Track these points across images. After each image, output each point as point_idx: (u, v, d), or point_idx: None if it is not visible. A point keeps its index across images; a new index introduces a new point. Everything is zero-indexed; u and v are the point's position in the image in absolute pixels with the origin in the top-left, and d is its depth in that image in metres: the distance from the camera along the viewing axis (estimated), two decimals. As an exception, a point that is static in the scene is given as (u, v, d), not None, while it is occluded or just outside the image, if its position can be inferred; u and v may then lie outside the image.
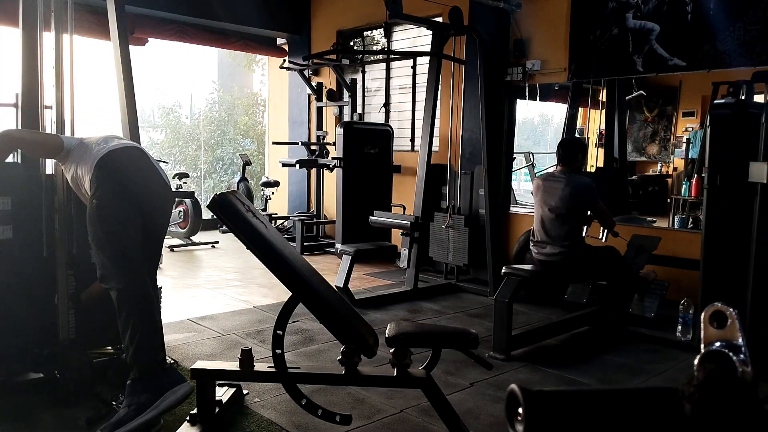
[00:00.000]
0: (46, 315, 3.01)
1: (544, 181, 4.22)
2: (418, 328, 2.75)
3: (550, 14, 5.78)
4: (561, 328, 4.25)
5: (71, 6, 3.21)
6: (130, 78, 3.44)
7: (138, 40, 7.42)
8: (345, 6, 7.91)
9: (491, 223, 5.44)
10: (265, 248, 2.44)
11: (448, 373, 3.40)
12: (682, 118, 7.61)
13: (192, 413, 2.60)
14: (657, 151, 7.93)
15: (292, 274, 2.49)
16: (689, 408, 0.58)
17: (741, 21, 4.65)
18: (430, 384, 2.45)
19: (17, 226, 2.97)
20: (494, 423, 2.84)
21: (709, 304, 0.66)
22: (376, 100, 7.91)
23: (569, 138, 5.86)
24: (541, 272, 4.19)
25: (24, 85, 3.04)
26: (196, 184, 12.99)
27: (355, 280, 5.43)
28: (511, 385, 0.60)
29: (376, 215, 5.61)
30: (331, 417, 2.52)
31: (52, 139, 2.89)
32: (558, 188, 4.07)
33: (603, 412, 0.62)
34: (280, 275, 2.49)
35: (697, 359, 0.62)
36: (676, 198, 6.26)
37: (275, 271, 2.48)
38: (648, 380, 3.51)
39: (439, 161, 6.02)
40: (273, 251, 2.46)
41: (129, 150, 2.84)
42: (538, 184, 4.25)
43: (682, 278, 4.64)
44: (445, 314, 4.78)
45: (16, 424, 2.69)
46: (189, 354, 3.63)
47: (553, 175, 4.21)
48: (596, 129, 7.08)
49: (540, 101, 6.39)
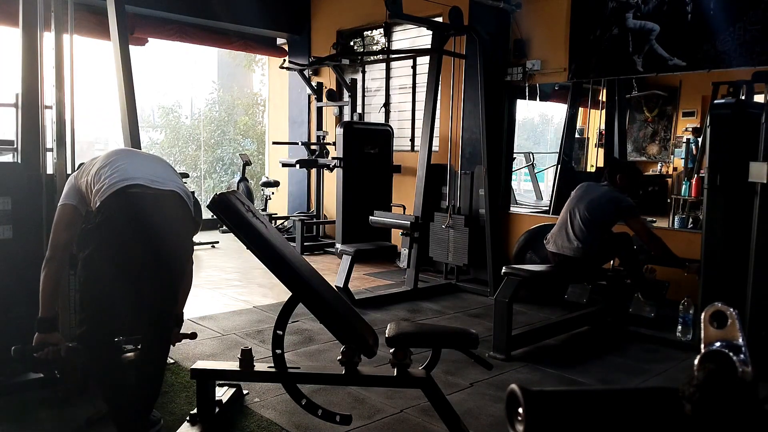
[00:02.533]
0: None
1: (588, 185, 4.43)
2: (418, 328, 2.75)
3: (550, 14, 5.78)
4: (561, 328, 4.25)
5: (71, 6, 3.21)
6: (130, 78, 3.44)
7: (138, 40, 7.43)
8: (345, 6, 7.91)
9: (491, 223, 5.44)
10: (265, 248, 2.44)
11: (448, 373, 3.40)
12: (682, 118, 7.61)
13: (192, 413, 2.60)
14: (657, 151, 7.92)
15: (292, 274, 2.49)
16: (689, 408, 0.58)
17: (741, 21, 4.65)
18: (430, 384, 2.45)
19: (18, 225, 2.98)
20: (494, 423, 2.84)
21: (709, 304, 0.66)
22: (376, 100, 7.91)
23: (618, 160, 6.04)
24: (549, 271, 4.29)
25: (24, 85, 3.04)
26: (196, 184, 13.00)
27: (355, 280, 5.43)
28: (511, 385, 0.60)
29: (376, 215, 5.61)
30: (331, 417, 2.52)
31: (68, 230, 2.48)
32: (595, 192, 4.27)
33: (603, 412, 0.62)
34: (280, 275, 2.49)
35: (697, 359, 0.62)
36: (676, 198, 6.25)
37: (275, 271, 2.48)
38: (648, 380, 3.51)
39: (439, 161, 6.02)
40: (273, 251, 2.46)
41: (128, 196, 2.37)
42: (580, 186, 4.46)
43: (682, 278, 4.64)
44: (445, 314, 4.78)
45: (16, 424, 2.69)
46: (189, 354, 3.63)
47: (598, 183, 4.44)
48: (596, 129, 7.07)
49: (540, 101, 6.39)
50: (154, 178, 2.47)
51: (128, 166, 2.50)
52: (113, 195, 2.34)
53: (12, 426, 2.68)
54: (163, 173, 2.57)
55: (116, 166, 2.47)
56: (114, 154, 2.61)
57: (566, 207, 4.37)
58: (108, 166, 2.46)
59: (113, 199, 2.34)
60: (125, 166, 2.48)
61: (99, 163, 2.50)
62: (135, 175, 2.44)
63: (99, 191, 2.38)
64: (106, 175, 2.42)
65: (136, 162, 2.59)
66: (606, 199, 4.21)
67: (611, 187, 4.29)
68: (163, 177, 2.52)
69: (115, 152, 2.65)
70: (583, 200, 4.25)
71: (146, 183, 2.43)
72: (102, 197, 2.35)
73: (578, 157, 6.61)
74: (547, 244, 4.38)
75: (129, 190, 2.37)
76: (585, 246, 4.14)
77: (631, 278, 4.41)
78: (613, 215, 4.23)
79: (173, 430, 2.58)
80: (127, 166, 2.49)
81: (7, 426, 2.68)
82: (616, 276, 4.58)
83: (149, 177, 2.46)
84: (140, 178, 2.43)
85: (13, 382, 2.94)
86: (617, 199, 4.22)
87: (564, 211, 4.35)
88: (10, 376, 2.94)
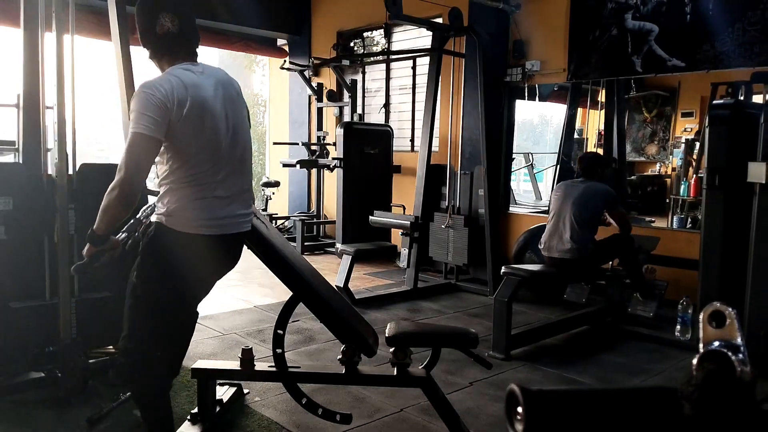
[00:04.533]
0: (47, 315, 3.02)
1: (565, 185, 4.44)
2: (418, 328, 2.75)
3: (550, 15, 5.78)
4: (560, 328, 4.26)
5: (72, 6, 3.21)
6: (130, 78, 3.44)
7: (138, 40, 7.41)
8: (345, 7, 7.91)
9: (491, 223, 5.44)
10: (266, 248, 2.45)
11: (447, 372, 3.40)
12: (680, 118, 7.61)
13: (193, 412, 2.61)
14: (656, 151, 7.93)
15: (292, 274, 2.49)
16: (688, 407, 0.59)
17: (740, 21, 4.66)
18: (430, 383, 2.45)
19: (18, 225, 2.98)
20: (494, 422, 2.85)
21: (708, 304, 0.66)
22: (376, 100, 7.91)
23: (588, 153, 6.05)
24: (548, 271, 4.29)
25: (25, 86, 3.05)
26: (196, 184, 12.97)
27: (355, 279, 5.43)
28: (510, 384, 0.60)
29: (376, 215, 5.62)
30: (332, 416, 2.52)
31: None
32: (577, 190, 4.27)
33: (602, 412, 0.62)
34: (281, 275, 2.50)
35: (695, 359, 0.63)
36: (675, 198, 6.26)
37: (276, 271, 2.49)
38: (647, 380, 3.52)
39: (438, 161, 6.03)
40: (273, 251, 2.47)
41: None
42: (558, 188, 4.47)
43: (681, 278, 4.65)
44: (444, 314, 4.79)
45: (16, 424, 2.70)
46: (190, 353, 3.61)
47: (574, 181, 4.46)
48: (595, 129, 7.07)
49: (539, 101, 6.39)
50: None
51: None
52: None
53: (12, 426, 2.69)
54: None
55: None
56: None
57: (553, 210, 4.36)
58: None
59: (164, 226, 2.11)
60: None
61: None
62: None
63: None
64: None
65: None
66: (591, 194, 4.24)
67: (590, 181, 4.33)
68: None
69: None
70: (568, 200, 4.25)
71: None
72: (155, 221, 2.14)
73: (577, 158, 6.61)
74: (542, 250, 4.38)
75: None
76: (580, 246, 4.14)
77: (631, 278, 4.42)
78: (600, 207, 4.29)
79: (173, 431, 2.58)
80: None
81: (7, 426, 2.68)
82: (614, 276, 4.59)
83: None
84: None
85: (13, 382, 2.94)
86: (603, 191, 4.29)
87: (552, 215, 4.34)
88: (10, 376, 2.95)
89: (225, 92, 2.16)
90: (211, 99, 2.08)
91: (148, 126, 1.94)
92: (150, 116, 1.94)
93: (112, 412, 2.77)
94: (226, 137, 2.13)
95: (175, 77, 2.03)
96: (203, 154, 2.07)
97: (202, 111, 2.04)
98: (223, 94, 2.14)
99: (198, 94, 2.04)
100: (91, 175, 3.22)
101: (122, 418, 2.76)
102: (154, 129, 1.95)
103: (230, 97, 2.19)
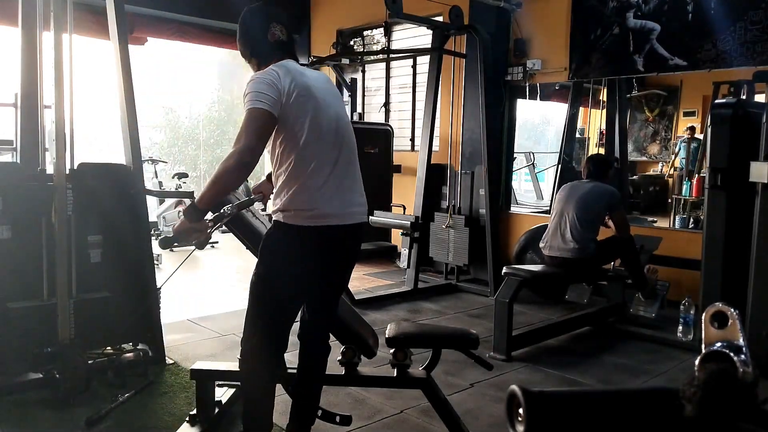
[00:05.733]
0: (45, 315, 3.01)
1: (571, 185, 4.43)
2: (418, 329, 2.74)
3: (551, 14, 5.77)
4: (562, 329, 4.25)
5: (71, 5, 3.21)
6: (129, 77, 3.44)
7: (137, 40, 7.41)
8: (345, 5, 7.91)
9: (491, 223, 5.43)
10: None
11: (448, 373, 3.39)
12: (683, 117, 7.61)
13: (192, 413, 2.60)
14: (658, 150, 7.93)
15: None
16: (690, 408, 0.58)
17: (742, 20, 4.65)
18: (430, 384, 2.44)
19: (16, 225, 2.97)
20: (494, 423, 2.84)
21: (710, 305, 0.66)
22: (376, 99, 7.90)
23: (596, 154, 6.08)
24: (549, 271, 4.27)
25: (23, 85, 3.05)
26: (196, 184, 13.00)
27: (355, 280, 5.43)
28: (511, 385, 0.60)
29: (376, 215, 5.61)
30: (331, 417, 2.51)
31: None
32: (582, 190, 4.27)
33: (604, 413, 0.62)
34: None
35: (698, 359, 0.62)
36: (677, 198, 6.25)
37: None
38: (649, 381, 3.50)
39: (439, 161, 6.02)
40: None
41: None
42: (563, 188, 4.46)
43: (683, 278, 4.64)
44: (445, 314, 4.78)
45: (16, 424, 2.69)
46: (189, 354, 3.63)
47: (581, 182, 4.45)
48: (597, 129, 7.07)
49: (540, 101, 6.38)
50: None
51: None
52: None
53: (12, 426, 2.68)
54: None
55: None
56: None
57: (555, 210, 4.36)
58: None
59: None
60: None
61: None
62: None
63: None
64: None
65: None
66: (597, 194, 4.24)
67: (597, 182, 4.32)
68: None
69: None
70: (572, 200, 4.24)
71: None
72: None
73: (579, 157, 6.60)
74: (543, 249, 4.37)
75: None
76: (582, 245, 4.13)
77: (632, 278, 4.41)
78: (604, 208, 4.28)
79: (173, 430, 2.57)
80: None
81: (7, 426, 2.68)
82: (616, 276, 4.58)
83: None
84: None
85: (13, 382, 2.94)
86: (609, 192, 4.28)
87: (555, 214, 4.34)
88: (9, 377, 2.94)
89: (326, 86, 2.28)
90: (315, 88, 2.18)
91: (264, 102, 2.03)
92: (265, 93, 2.04)
93: (111, 412, 2.76)
94: (331, 125, 2.19)
95: (282, 67, 2.15)
96: (311, 140, 2.12)
97: (308, 96, 2.13)
98: (324, 87, 2.25)
99: (304, 81, 2.14)
100: (89, 174, 3.22)
101: (121, 419, 2.75)
102: (269, 105, 2.03)
103: (332, 91, 2.32)
